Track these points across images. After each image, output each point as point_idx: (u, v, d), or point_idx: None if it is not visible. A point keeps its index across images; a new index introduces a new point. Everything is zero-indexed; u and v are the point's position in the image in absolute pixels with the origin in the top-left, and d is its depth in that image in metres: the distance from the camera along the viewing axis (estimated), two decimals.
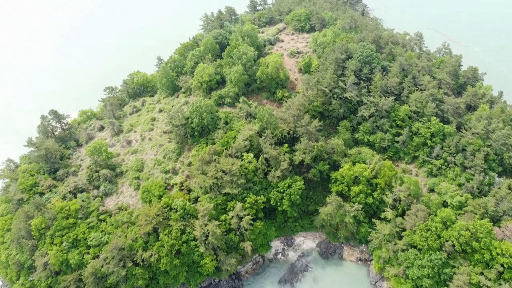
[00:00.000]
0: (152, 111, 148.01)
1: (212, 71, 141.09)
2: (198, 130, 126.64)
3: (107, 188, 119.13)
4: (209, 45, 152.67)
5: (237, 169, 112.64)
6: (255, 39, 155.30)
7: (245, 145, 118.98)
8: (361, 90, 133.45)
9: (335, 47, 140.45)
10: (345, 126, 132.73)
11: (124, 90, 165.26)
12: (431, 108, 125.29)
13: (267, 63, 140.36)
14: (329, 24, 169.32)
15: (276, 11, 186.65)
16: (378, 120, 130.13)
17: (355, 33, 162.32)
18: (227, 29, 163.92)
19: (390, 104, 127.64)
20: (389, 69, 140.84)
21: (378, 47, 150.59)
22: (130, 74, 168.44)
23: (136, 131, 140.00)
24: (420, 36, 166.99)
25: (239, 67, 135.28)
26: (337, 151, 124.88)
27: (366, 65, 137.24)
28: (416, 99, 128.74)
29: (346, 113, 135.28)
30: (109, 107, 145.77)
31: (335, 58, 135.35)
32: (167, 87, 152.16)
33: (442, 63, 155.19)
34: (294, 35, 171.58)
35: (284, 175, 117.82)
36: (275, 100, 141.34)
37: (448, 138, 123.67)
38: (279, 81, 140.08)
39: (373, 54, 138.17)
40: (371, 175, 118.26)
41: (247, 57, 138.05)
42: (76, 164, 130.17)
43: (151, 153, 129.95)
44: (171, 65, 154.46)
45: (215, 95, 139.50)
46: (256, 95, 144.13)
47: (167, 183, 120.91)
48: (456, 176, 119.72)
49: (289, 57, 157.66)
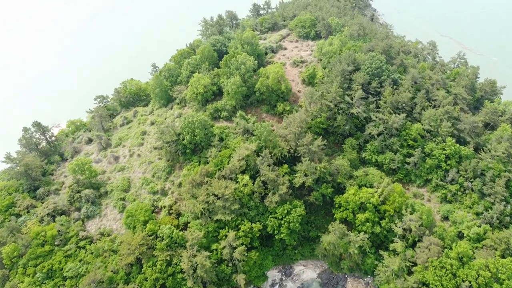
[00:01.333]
0: (144, 123, 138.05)
1: (208, 82, 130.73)
2: (190, 147, 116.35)
3: (89, 210, 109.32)
4: (206, 52, 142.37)
5: (230, 193, 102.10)
6: (256, 47, 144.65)
7: (240, 166, 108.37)
8: (369, 106, 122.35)
9: (341, 57, 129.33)
10: (351, 145, 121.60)
11: (116, 99, 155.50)
12: (446, 127, 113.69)
13: (268, 74, 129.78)
14: (336, 31, 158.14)
15: (280, 16, 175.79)
16: (388, 138, 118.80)
17: (364, 41, 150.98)
18: (226, 35, 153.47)
19: (401, 122, 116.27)
20: (400, 82, 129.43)
21: (389, 57, 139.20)
22: (123, 82, 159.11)
23: (125, 146, 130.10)
24: (434, 45, 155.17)
25: (236, 79, 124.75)
26: (341, 173, 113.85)
27: (375, 77, 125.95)
28: (429, 117, 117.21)
29: (353, 130, 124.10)
30: (97, 119, 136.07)
31: (341, 70, 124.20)
32: (161, 97, 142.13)
33: (457, 75, 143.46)
34: (298, 42, 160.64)
35: (282, 200, 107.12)
36: (276, 114, 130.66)
37: (465, 161, 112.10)
38: (280, 93, 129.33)
39: (383, 66, 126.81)
40: (379, 201, 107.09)
41: (245, 68, 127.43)
42: (59, 182, 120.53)
43: (139, 171, 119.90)
44: (165, 73, 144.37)
45: (210, 108, 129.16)
46: (255, 108, 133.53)
47: (155, 205, 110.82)
48: (474, 204, 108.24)
49: (292, 66, 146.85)
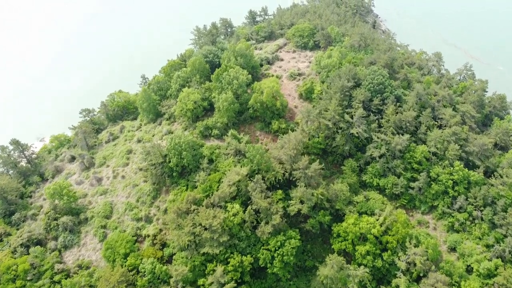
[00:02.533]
0: (130, 140, 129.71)
1: (198, 97, 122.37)
2: (178, 170, 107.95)
3: (66, 239, 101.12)
4: (197, 65, 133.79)
5: (219, 224, 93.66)
6: (250, 59, 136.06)
7: (230, 192, 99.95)
8: (371, 125, 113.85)
9: (341, 72, 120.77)
10: (350, 167, 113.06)
11: (103, 113, 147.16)
12: (454, 150, 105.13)
13: (262, 89, 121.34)
14: (336, 41, 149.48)
15: (277, 24, 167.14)
16: (390, 161, 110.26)
17: (365, 52, 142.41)
18: (219, 45, 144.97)
19: (404, 144, 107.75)
20: (403, 98, 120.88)
21: (391, 71, 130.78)
22: (110, 95, 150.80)
23: (109, 166, 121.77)
24: (439, 57, 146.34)
25: (228, 95, 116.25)
26: (340, 199, 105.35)
27: (377, 94, 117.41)
28: (435, 138, 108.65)
29: (353, 150, 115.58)
30: (80, 136, 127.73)
31: (340, 86, 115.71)
32: (149, 112, 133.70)
33: (464, 89, 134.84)
34: (296, 52, 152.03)
35: (276, 230, 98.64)
36: (270, 132, 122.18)
37: (474, 187, 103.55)
38: (275, 110, 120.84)
39: (386, 82, 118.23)
40: (380, 232, 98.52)
41: (238, 83, 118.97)
42: (37, 206, 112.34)
43: (122, 194, 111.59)
44: (154, 87, 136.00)
45: (200, 126, 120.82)
46: (249, 125, 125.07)
47: (138, 234, 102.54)
48: (483, 235, 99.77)
49: (288, 79, 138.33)
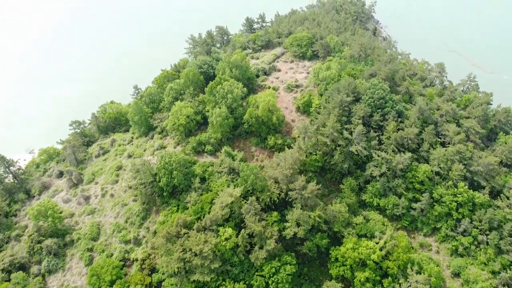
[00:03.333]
0: (121, 155, 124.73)
1: (191, 111, 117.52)
2: (168, 190, 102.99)
3: (51, 264, 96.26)
4: (191, 76, 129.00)
5: (210, 250, 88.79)
6: (246, 70, 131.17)
7: (223, 215, 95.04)
8: (371, 142, 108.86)
9: (340, 85, 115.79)
10: (349, 186, 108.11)
11: (94, 124, 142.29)
12: (458, 170, 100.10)
13: (257, 103, 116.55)
14: (335, 51, 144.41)
15: (274, 33, 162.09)
16: (391, 180, 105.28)
17: (365, 63, 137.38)
18: (214, 55, 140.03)
19: (406, 163, 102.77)
20: (405, 113, 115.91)
21: (393, 83, 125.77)
22: (101, 106, 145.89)
23: (98, 182, 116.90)
24: (442, 68, 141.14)
25: (222, 109, 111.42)
26: (339, 220, 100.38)
27: (378, 109, 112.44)
28: (439, 157, 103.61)
29: (352, 167, 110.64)
30: (69, 150, 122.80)
31: (339, 101, 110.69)
32: (140, 125, 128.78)
33: (468, 102, 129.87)
34: (294, 63, 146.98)
35: (270, 255, 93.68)
36: (266, 148, 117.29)
37: (479, 210, 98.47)
38: (271, 125, 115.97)
39: (387, 96, 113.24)
40: (380, 257, 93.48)
41: (232, 96, 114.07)
42: (21, 226, 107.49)
43: (111, 214, 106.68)
44: (146, 99, 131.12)
45: (193, 141, 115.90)
46: (244, 140, 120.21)
47: (126, 257, 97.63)
48: (489, 261, 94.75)
49: (285, 91, 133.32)
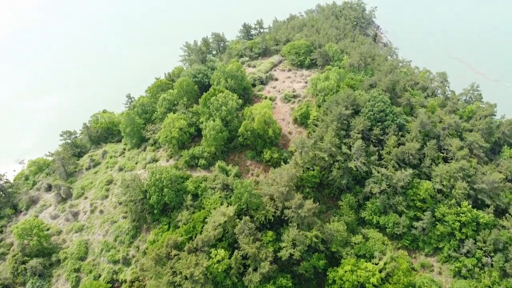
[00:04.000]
0: (112, 168, 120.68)
1: (185, 123, 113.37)
2: (159, 207, 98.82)
3: (35, 285, 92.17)
4: (185, 86, 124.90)
5: (201, 273, 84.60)
6: (242, 80, 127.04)
7: (215, 235, 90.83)
8: (370, 157, 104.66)
9: (339, 97, 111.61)
10: (348, 202, 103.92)
11: (85, 135, 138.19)
12: (461, 188, 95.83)
13: (253, 115, 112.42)
14: (334, 59, 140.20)
15: (272, 40, 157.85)
16: (391, 197, 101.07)
17: (365, 73, 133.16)
18: (209, 64, 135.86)
19: (407, 180, 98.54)
20: (406, 126, 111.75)
21: (393, 94, 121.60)
22: (93, 115, 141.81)
23: (87, 197, 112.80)
24: (445, 78, 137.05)
25: (216, 122, 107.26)
26: (336, 239, 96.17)
27: (378, 122, 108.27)
28: (441, 174, 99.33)
29: (350, 183, 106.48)
30: (58, 163, 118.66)
31: (338, 114, 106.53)
32: (132, 137, 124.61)
33: (471, 113, 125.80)
34: (291, 71, 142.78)
35: (265, 278, 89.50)
36: (262, 161, 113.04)
37: (484, 230, 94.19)
38: (267, 138, 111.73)
39: (387, 109, 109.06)
40: (380, 279, 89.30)
41: (227, 109, 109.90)
42: (7, 244, 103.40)
43: (99, 232, 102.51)
44: (138, 109, 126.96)
45: (186, 155, 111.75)
46: (239, 153, 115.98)
47: (115, 278, 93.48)
48: (494, 284, 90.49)
49: (283, 102, 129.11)
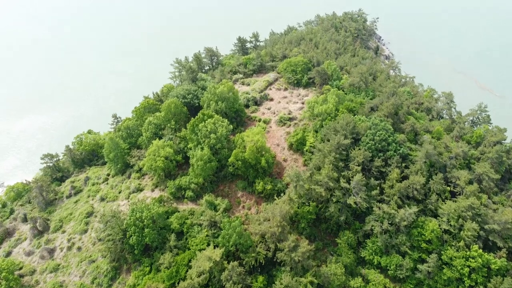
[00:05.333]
0: (94, 197, 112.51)
1: (171, 151, 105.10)
2: (140, 248, 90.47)
3: None
4: (173, 109, 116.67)
5: None
6: (234, 102, 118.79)
7: (200, 282, 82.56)
8: (371, 191, 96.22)
9: (337, 125, 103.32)
10: (347, 241, 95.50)
11: (68, 157, 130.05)
12: (471, 230, 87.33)
13: (244, 143, 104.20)
14: (333, 78, 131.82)
15: (267, 55, 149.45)
16: (394, 236, 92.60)
17: (366, 94, 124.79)
18: (200, 83, 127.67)
19: (411, 219, 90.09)
20: (411, 155, 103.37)
21: (396, 119, 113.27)
22: (77, 136, 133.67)
23: (65, 231, 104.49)
24: (451, 99, 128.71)
25: (204, 151, 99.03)
26: (334, 284, 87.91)
27: (379, 153, 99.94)
28: (448, 212, 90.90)
29: (349, 218, 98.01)
30: (35, 192, 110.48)
31: (336, 144, 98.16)
32: (116, 162, 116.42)
33: (480, 139, 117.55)
34: (287, 90, 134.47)
35: None
36: (254, 193, 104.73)
37: (495, 276, 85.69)
38: (259, 168, 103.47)
39: (389, 138, 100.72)
40: None
41: (216, 136, 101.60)
42: None
43: (76, 273, 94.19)
44: (123, 133, 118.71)
45: (172, 186, 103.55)
46: (230, 183, 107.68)
47: None
48: None
49: (277, 125, 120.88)
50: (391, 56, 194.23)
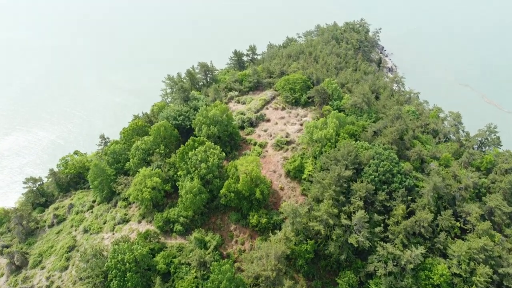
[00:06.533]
0: (77, 227, 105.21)
1: (159, 181, 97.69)
2: None
3: None
4: (163, 132, 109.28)
5: None
6: (228, 124, 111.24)
7: None
8: (374, 228, 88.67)
9: (338, 153, 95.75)
10: (348, 282, 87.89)
11: (52, 181, 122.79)
12: (484, 276, 79.76)
13: (238, 173, 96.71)
14: (333, 98, 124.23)
15: (265, 71, 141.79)
16: (399, 278, 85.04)
17: (368, 116, 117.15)
18: (192, 103, 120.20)
19: (418, 260, 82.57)
20: (417, 188, 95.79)
21: (401, 145, 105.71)
22: (62, 158, 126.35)
23: (44, 267, 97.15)
24: (459, 120, 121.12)
25: (194, 184, 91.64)
26: None
27: (383, 185, 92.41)
28: (459, 254, 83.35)
29: (351, 257, 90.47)
30: (14, 222, 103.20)
31: (337, 175, 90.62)
32: (102, 190, 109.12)
33: (490, 165, 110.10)
34: (285, 110, 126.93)
35: None
36: (248, 226, 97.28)
37: None
38: (254, 200, 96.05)
39: (394, 169, 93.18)
40: None
41: (207, 166, 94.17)
42: None
43: None
44: (109, 158, 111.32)
45: (159, 219, 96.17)
46: (222, 214, 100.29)
47: None
48: None
49: (274, 149, 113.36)
50: (394, 68, 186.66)
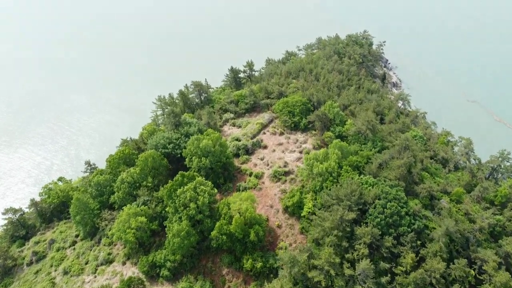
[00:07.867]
0: (57, 267, 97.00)
1: (144, 220, 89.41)
2: None
3: None
4: (150, 163, 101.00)
5: None
6: (221, 154, 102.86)
7: None
8: (381, 277, 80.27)
9: (340, 191, 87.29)
10: None
11: (34, 211, 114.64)
12: None
13: (230, 213, 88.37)
14: (335, 123, 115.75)
15: (262, 91, 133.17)
16: None
17: (373, 145, 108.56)
18: (184, 130, 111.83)
19: None
20: (427, 231, 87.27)
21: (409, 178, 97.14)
22: (45, 186, 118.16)
23: None
24: (470, 148, 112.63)
25: (182, 225, 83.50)
26: None
27: (390, 228, 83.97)
28: None
29: None
30: None
31: (339, 218, 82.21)
32: (85, 225, 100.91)
33: (504, 199, 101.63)
34: (284, 135, 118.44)
35: None
36: (242, 269, 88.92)
37: None
38: (248, 242, 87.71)
39: (402, 210, 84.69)
40: None
41: (197, 205, 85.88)
42: None
43: None
44: (93, 191, 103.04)
45: (145, 263, 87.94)
46: (214, 256, 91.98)
47: None
48: None
49: (271, 180, 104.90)
50: (399, 83, 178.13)
